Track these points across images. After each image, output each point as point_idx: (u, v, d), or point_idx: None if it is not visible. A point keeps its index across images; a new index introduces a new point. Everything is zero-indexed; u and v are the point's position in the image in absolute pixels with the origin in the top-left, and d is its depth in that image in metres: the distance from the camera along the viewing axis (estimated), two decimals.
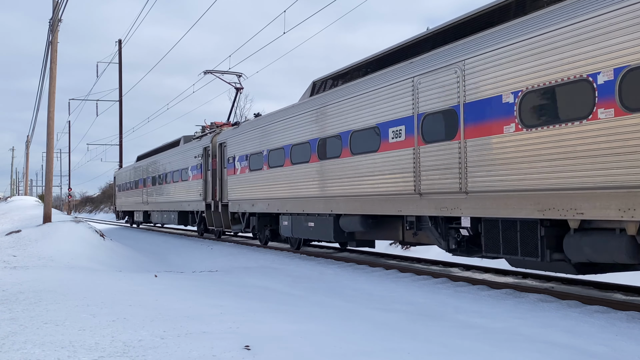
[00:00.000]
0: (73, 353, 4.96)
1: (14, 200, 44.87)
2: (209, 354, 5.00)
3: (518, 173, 8.22)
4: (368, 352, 5.32)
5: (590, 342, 6.19)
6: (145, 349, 5.14)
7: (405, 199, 10.63)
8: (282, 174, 15.45)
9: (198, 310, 7.06)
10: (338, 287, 10.33)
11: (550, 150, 7.72)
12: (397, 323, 6.98)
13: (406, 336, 6.15)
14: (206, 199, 21.74)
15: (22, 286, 8.67)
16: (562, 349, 5.89)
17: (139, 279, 10.29)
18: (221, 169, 20.26)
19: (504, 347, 5.81)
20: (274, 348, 5.26)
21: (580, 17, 7.40)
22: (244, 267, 13.95)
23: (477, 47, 9.09)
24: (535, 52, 7.98)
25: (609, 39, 7.02)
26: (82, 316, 6.48)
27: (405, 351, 5.41)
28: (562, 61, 7.59)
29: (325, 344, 5.52)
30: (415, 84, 10.29)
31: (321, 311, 7.65)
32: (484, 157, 8.81)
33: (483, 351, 5.60)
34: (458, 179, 9.33)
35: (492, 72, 8.71)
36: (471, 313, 7.82)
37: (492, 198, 8.71)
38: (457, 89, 9.36)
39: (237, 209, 18.66)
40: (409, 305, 8.51)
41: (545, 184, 7.81)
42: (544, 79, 7.82)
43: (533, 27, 8.12)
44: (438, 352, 5.47)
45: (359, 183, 11.93)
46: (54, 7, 19.92)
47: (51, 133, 19.89)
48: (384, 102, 11.20)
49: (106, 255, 15.39)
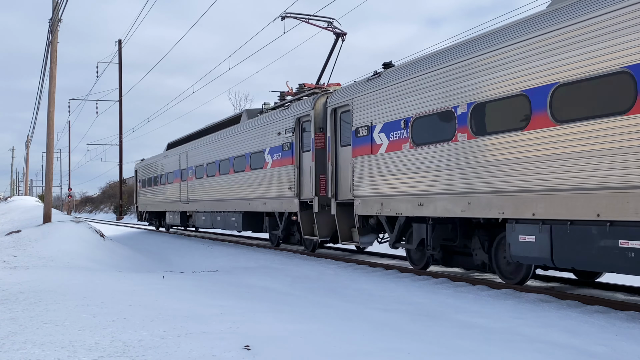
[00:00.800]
0: (73, 353, 4.96)
1: (14, 200, 44.90)
2: (209, 354, 5.00)
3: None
4: (368, 352, 5.33)
5: (590, 342, 6.19)
6: (145, 349, 5.14)
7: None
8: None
9: (198, 310, 7.06)
10: (338, 287, 10.33)
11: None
12: (397, 323, 6.98)
13: (406, 336, 6.15)
14: (300, 195, 15.31)
15: (22, 286, 8.67)
16: (562, 349, 5.89)
17: (139, 278, 10.29)
18: (335, 148, 13.80)
19: (504, 347, 5.80)
20: (273, 348, 5.26)
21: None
22: (244, 267, 13.95)
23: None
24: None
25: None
26: (82, 316, 6.48)
27: (405, 351, 5.41)
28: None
29: (325, 344, 5.52)
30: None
31: (321, 311, 7.65)
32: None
33: (483, 351, 5.60)
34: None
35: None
36: (471, 313, 7.82)
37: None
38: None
39: (377, 210, 12.04)
40: (409, 305, 8.51)
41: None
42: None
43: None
44: (438, 352, 5.47)
45: None
46: (53, 7, 19.92)
47: (51, 133, 19.89)
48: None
49: (106, 255, 15.38)
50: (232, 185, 19.55)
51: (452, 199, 9.88)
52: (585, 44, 7.66)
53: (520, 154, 8.57)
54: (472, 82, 9.44)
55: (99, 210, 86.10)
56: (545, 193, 8.18)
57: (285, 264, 14.17)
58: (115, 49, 44.21)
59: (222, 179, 20.47)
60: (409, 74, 11.07)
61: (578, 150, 7.72)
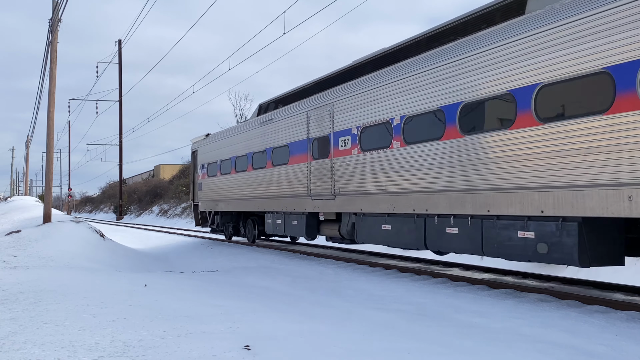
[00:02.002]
0: (73, 353, 4.96)
1: (13, 200, 44.86)
2: (209, 354, 5.00)
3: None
4: (368, 351, 5.32)
5: (590, 342, 6.19)
6: (145, 349, 5.14)
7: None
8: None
9: (198, 310, 7.06)
10: (338, 287, 10.33)
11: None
12: (396, 323, 6.98)
13: (406, 336, 6.15)
14: None
15: (22, 286, 8.66)
16: (562, 348, 5.89)
17: (139, 278, 10.28)
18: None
19: (504, 347, 5.81)
20: (274, 348, 5.26)
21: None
22: (244, 267, 13.95)
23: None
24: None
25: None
26: (82, 316, 6.48)
27: (405, 351, 5.41)
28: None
29: (325, 344, 5.52)
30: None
31: (321, 311, 7.65)
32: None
33: (483, 351, 5.60)
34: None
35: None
36: (471, 313, 7.82)
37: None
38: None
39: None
40: (408, 305, 8.51)
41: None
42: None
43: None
44: (438, 352, 5.47)
45: None
46: (53, 7, 19.92)
47: (51, 133, 19.89)
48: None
49: (106, 255, 15.38)
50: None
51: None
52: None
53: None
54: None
55: (99, 210, 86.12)
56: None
57: (285, 264, 14.17)
58: (115, 49, 44.22)
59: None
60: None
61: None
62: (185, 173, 52.71)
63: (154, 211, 54.72)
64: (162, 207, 53.69)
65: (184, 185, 49.26)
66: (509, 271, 11.48)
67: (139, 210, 60.88)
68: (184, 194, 47.70)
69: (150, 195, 61.13)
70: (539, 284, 10.29)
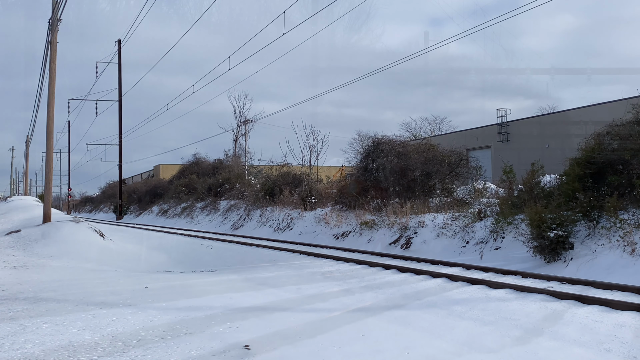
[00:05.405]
0: (73, 353, 4.96)
1: (13, 200, 44.82)
2: (209, 353, 5.00)
3: None
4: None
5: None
6: (145, 348, 5.15)
7: None
8: None
9: (198, 309, 7.06)
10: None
11: None
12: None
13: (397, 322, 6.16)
14: None
15: (22, 286, 8.67)
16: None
17: (139, 278, 10.28)
18: None
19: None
20: (274, 348, 5.27)
21: None
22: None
23: None
24: None
25: None
26: (82, 316, 6.48)
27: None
28: None
29: (325, 344, 5.53)
30: None
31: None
32: None
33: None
34: None
35: None
36: (466, 308, 7.81)
37: None
38: None
39: None
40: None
41: None
42: None
43: None
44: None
45: None
46: (53, 7, 19.92)
47: (51, 133, 19.88)
48: None
49: (106, 255, 15.39)
50: None
51: None
52: None
53: None
54: None
55: (99, 210, 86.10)
56: None
57: (286, 260, 14.17)
58: (115, 48, 44.22)
59: None
60: None
61: None
62: (185, 173, 52.70)
63: (154, 211, 54.70)
64: (161, 207, 53.68)
65: (183, 185, 49.21)
66: (509, 271, 11.47)
67: (139, 210, 60.86)
68: (184, 194, 47.67)
69: (150, 195, 61.12)
70: (539, 283, 10.29)
